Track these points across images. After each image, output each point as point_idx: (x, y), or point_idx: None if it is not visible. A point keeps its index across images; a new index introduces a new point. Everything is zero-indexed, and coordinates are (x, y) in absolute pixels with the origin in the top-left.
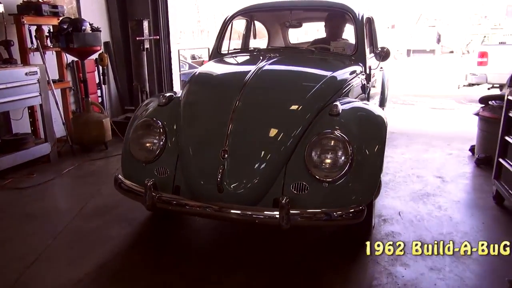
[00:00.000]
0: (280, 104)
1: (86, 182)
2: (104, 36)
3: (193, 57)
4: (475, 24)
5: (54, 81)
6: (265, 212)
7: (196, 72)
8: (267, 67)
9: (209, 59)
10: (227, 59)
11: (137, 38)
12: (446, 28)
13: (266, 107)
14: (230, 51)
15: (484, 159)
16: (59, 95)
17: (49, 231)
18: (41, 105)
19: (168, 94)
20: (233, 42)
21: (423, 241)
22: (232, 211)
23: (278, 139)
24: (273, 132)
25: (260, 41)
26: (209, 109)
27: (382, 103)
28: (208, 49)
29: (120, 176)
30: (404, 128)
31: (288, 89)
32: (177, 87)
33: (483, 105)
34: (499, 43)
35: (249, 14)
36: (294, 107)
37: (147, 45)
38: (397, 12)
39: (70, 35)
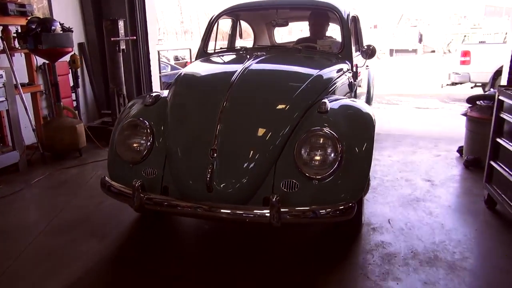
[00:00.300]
0: (267, 103)
1: (56, 193)
2: (79, 37)
3: (176, 58)
4: (455, 24)
5: (23, 85)
6: (255, 211)
7: (182, 73)
8: (254, 66)
9: (195, 59)
10: (213, 59)
11: (112, 39)
12: (427, 28)
13: (253, 107)
14: (216, 51)
15: (473, 160)
16: (29, 99)
17: (11, 250)
18: (7, 111)
19: (154, 94)
20: (219, 43)
21: (415, 251)
22: (222, 210)
23: (267, 138)
24: (261, 131)
25: (245, 42)
26: (196, 110)
27: (368, 102)
28: (190, 50)
29: (107, 178)
30: (390, 129)
31: (275, 88)
32: (156, 89)
33: (470, 105)
34: (479, 42)
35: (235, 13)
36: (281, 106)
37: (123, 46)
38: (379, 12)
39: (38, 35)
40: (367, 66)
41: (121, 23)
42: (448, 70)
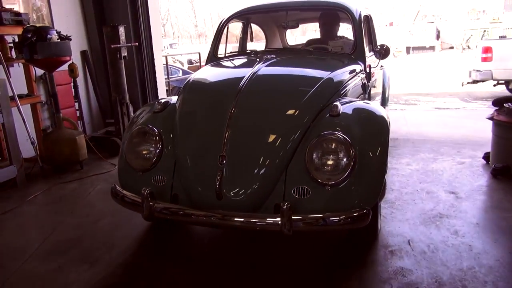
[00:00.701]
0: (276, 109)
1: (52, 210)
2: (81, 44)
3: (189, 62)
4: (474, 19)
5: (21, 96)
6: (266, 219)
7: (190, 80)
8: (262, 70)
9: (206, 63)
10: (223, 63)
11: (112, 46)
12: (444, 24)
13: (262, 113)
14: (226, 55)
15: (502, 169)
16: (28, 111)
17: None
18: (3, 124)
19: (163, 101)
20: (231, 45)
21: (440, 281)
22: (235, 218)
23: (276, 144)
24: (270, 137)
25: (257, 44)
26: (205, 117)
27: (383, 103)
28: (199, 53)
29: (117, 187)
30: (408, 132)
31: (284, 93)
32: (163, 95)
33: (497, 108)
34: (500, 37)
35: (245, 16)
36: (290, 111)
37: (124, 53)
38: (394, 10)
39: (33, 45)
40: (381, 66)
41: (121, 29)
42: (468, 67)
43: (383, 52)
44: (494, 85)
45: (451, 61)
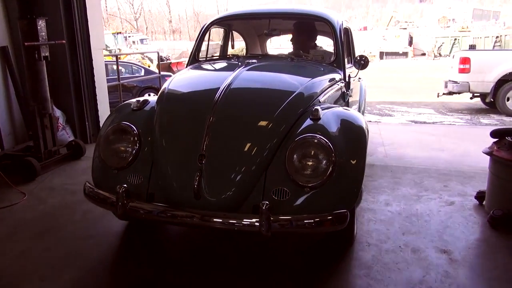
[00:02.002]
0: (252, 116)
1: None
2: (1, 39)
3: (160, 59)
4: (444, 27)
5: None
6: (244, 219)
7: (167, 86)
8: (243, 75)
9: (186, 66)
10: (204, 66)
11: (27, 44)
12: (417, 31)
13: (239, 120)
14: (207, 58)
15: (502, 217)
16: None
17: None
18: None
19: (142, 99)
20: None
21: None
22: (213, 219)
23: (253, 152)
24: (247, 145)
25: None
26: (184, 124)
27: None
28: (158, 52)
29: (89, 184)
30: (386, 156)
31: (262, 101)
32: (104, 102)
33: (496, 140)
34: (470, 46)
35: (226, 23)
36: (267, 119)
37: (45, 53)
38: (368, 14)
39: None
40: (359, 78)
41: (41, 23)
42: (444, 78)
43: (362, 63)
44: (471, 98)
45: (423, 68)
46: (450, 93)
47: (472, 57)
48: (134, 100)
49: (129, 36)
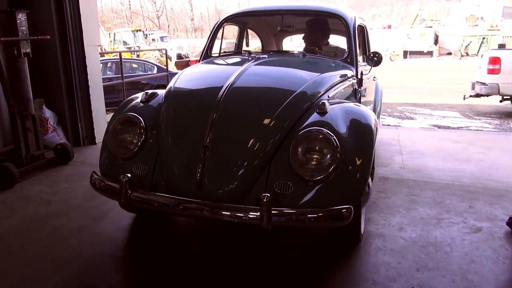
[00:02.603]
0: (260, 107)
1: None
2: None
3: (179, 57)
4: (472, 25)
5: None
6: (243, 211)
7: (174, 83)
8: (250, 70)
9: (199, 61)
10: (213, 62)
11: (2, 39)
12: (443, 29)
13: (245, 110)
14: (220, 54)
15: None
16: None
17: None
18: None
19: (151, 91)
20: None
21: None
22: (213, 210)
23: (259, 142)
24: (254, 133)
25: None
26: (188, 119)
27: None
28: (165, 50)
29: (95, 174)
30: (403, 167)
31: (269, 93)
32: (99, 101)
33: None
34: (499, 45)
35: (239, 20)
36: (274, 110)
37: (26, 49)
38: (393, 13)
39: None
40: (374, 77)
41: (21, 17)
42: (471, 78)
43: (375, 60)
44: (501, 101)
45: (450, 68)
46: (478, 95)
47: (503, 56)
48: (144, 92)
49: (149, 34)
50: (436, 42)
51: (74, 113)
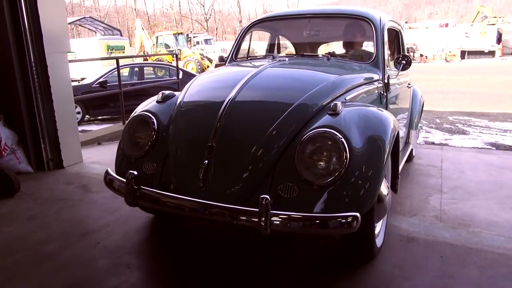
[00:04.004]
0: (267, 110)
1: None
2: None
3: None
4: None
5: None
6: (241, 214)
7: (189, 84)
8: (264, 72)
9: (224, 65)
10: (234, 65)
11: None
12: (507, 27)
13: (253, 112)
14: (248, 57)
15: None
16: None
17: None
18: None
19: (167, 92)
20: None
21: None
22: (212, 210)
23: (264, 146)
24: (260, 137)
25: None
26: (197, 121)
27: (410, 127)
28: (175, 53)
29: (109, 171)
30: (439, 216)
31: (279, 95)
32: (69, 120)
33: None
34: None
35: (268, 26)
36: (281, 113)
37: None
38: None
39: None
40: (409, 84)
41: None
42: None
43: (403, 63)
44: None
45: None
46: None
47: None
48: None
49: (193, 37)
50: (499, 41)
51: (35, 132)
